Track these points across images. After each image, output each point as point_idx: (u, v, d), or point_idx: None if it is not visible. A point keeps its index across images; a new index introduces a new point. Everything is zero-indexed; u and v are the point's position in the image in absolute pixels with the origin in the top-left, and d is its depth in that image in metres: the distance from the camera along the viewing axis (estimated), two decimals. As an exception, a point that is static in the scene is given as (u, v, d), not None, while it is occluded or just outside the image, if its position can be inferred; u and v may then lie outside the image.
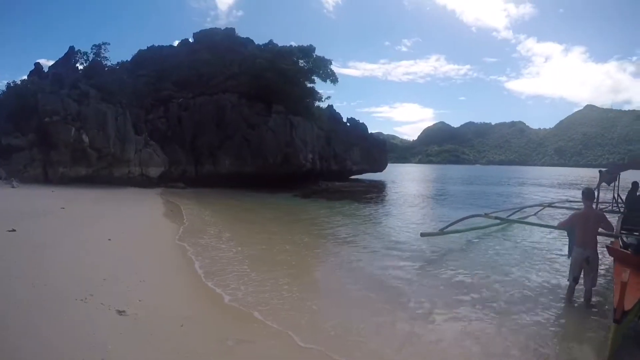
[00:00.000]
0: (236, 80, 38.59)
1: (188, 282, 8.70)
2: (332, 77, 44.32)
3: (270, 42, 44.48)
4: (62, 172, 28.73)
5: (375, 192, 37.27)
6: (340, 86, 46.17)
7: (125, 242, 11.74)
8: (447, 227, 13.70)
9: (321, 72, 43.78)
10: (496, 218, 15.38)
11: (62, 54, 36.62)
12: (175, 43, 49.01)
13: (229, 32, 46.52)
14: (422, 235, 12.76)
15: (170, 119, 35.80)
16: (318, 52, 43.79)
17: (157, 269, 9.40)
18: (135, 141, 31.25)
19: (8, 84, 32.56)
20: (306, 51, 43.10)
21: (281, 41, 44.83)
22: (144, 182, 31.25)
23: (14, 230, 11.49)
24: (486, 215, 15.55)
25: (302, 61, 42.90)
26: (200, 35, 45.50)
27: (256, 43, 46.18)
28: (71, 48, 35.88)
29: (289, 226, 17.49)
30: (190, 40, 46.25)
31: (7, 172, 26.93)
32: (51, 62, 38.71)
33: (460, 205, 26.68)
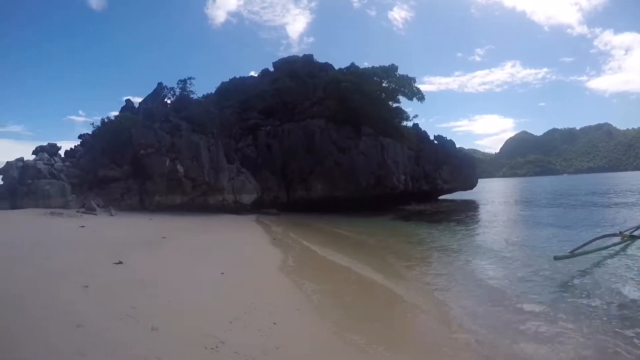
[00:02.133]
0: (322, 105, 37.64)
1: (319, 325, 7.34)
2: (418, 95, 42.31)
3: (352, 65, 43.40)
4: (158, 201, 28.95)
5: (473, 212, 33.91)
6: (417, 103, 44.02)
7: (239, 276, 10.47)
8: (578, 248, 12.23)
9: (406, 90, 41.93)
10: (632, 237, 14.17)
11: (146, 90, 37.59)
12: (252, 73, 49.27)
13: (308, 58, 46.08)
14: (556, 259, 11.49)
15: (259, 147, 35.23)
16: (393, 70, 42.22)
17: (281, 308, 7.84)
18: (228, 169, 30.74)
19: (102, 119, 33.63)
20: (388, 71, 41.61)
21: (356, 63, 43.71)
22: (238, 208, 30.51)
23: (120, 263, 10.38)
24: (622, 234, 14.34)
25: (385, 81, 41.46)
26: (280, 64, 45.41)
27: (335, 67, 45.39)
28: (159, 84, 36.70)
29: (416, 257, 14.97)
30: (271, 69, 46.18)
31: (104, 201, 27.27)
32: (137, 98, 39.58)
33: (573, 223, 22.94)
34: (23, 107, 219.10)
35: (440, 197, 48.08)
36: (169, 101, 36.96)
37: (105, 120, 33.09)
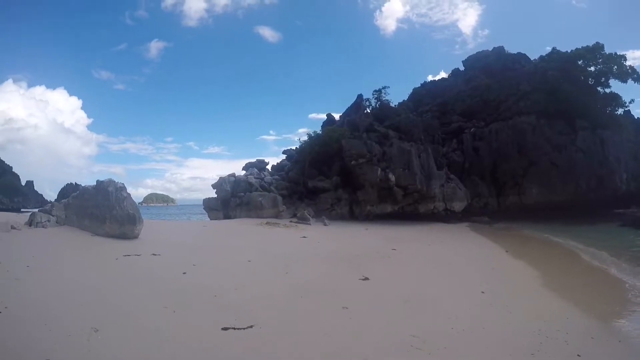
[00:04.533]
0: (529, 99, 33.95)
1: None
2: (633, 75, 35.22)
3: (554, 50, 38.75)
4: (369, 210, 28.83)
5: None
6: (631, 84, 36.56)
7: (499, 293, 9.27)
8: None
9: (616, 71, 35.73)
10: None
11: (328, 107, 38.04)
12: (441, 75, 47.32)
13: (499, 51, 42.55)
14: None
15: (465, 151, 33.19)
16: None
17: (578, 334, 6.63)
18: (438, 176, 29.35)
19: (309, 134, 34.69)
20: (594, 51, 35.61)
21: (538, 48, 38.88)
22: (448, 217, 28.96)
23: (366, 279, 10.00)
24: None
25: (592, 64, 35.85)
26: (471, 61, 42.76)
27: (529, 57, 41.27)
28: (359, 96, 36.89)
29: None
30: (460, 68, 43.85)
31: (314, 211, 27.78)
32: (320, 115, 40.14)
33: None
34: (222, 132, 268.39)
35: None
36: (366, 111, 36.79)
37: (312, 134, 33.97)
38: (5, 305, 6.51)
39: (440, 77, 46.14)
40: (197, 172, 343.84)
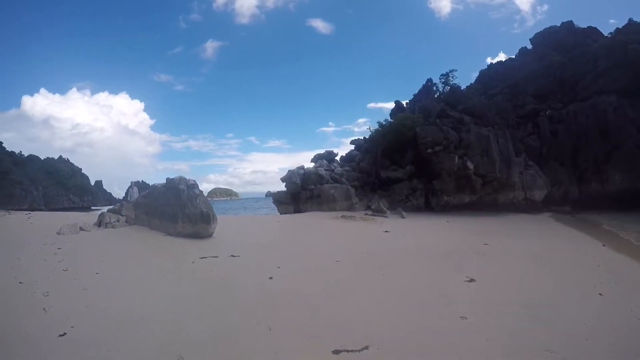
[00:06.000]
0: (609, 76, 31.67)
1: None
2: None
3: (631, 21, 36.13)
4: (446, 200, 27.59)
5: None
6: None
7: (621, 299, 7.94)
8: None
9: None
10: None
11: (386, 96, 36.68)
12: (492, 59, 45.21)
13: (569, 26, 40.17)
14: None
15: (542, 135, 31.34)
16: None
17: None
18: (517, 163, 27.83)
19: (379, 122, 33.46)
20: None
21: (602, 22, 36.36)
22: (528, 207, 27.42)
23: (472, 281, 9.03)
24: None
25: None
26: (540, 38, 40.54)
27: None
28: (429, 80, 35.35)
29: None
30: (525, 47, 41.62)
31: (388, 203, 26.65)
32: (381, 104, 39.14)
33: None
34: (281, 125, 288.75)
35: None
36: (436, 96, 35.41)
37: (383, 122, 32.92)
38: (71, 323, 5.91)
39: (498, 60, 43.97)
40: (259, 166, 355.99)
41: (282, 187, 30.84)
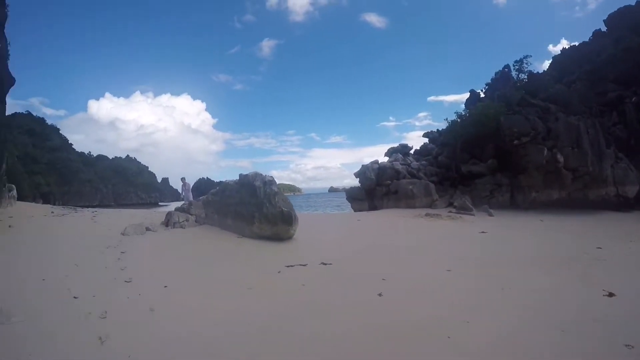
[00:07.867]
0: None
1: None
2: None
3: None
4: (534, 197, 26.13)
5: None
6: None
7: None
8: None
9: None
10: None
11: (442, 88, 35.80)
12: (554, 46, 43.65)
13: (646, 2, 38.19)
14: None
15: (629, 124, 29.56)
16: None
17: None
18: (609, 156, 26.28)
19: (457, 112, 32.43)
20: None
21: None
22: (619, 204, 25.88)
23: (612, 295, 7.52)
24: None
25: None
26: (615, 20, 38.46)
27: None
28: (506, 66, 34.19)
29: None
30: (602, 29, 39.83)
31: (471, 199, 25.93)
32: (442, 97, 38.38)
33: None
34: (342, 121, 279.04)
35: None
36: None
37: (462, 113, 31.83)
38: (129, 353, 4.77)
39: (561, 47, 42.25)
40: (320, 161, 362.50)
41: (344, 182, 30.70)
